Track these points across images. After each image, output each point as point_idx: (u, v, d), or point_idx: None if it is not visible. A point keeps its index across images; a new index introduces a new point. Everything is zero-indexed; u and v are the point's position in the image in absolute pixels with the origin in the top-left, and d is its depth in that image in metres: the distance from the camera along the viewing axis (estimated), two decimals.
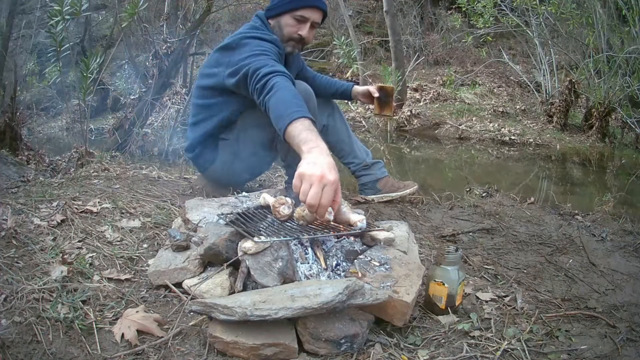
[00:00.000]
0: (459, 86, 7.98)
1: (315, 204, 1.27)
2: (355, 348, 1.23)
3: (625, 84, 5.54)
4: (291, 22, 1.93)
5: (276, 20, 1.97)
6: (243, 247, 1.39)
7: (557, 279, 1.79)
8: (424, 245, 2.00)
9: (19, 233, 1.60)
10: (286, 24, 1.94)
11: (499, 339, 1.32)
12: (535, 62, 7.22)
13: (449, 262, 1.43)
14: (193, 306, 1.23)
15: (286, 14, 1.93)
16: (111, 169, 2.74)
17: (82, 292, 1.36)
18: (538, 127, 6.38)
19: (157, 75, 3.57)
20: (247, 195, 1.88)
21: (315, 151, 1.34)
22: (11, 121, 2.83)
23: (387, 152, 5.37)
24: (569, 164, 5.06)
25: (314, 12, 1.95)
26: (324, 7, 2.00)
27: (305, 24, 1.94)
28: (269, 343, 1.17)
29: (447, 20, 9.26)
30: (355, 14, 9.80)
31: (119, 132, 3.55)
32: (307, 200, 1.28)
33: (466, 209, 2.53)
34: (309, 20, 1.94)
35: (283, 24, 1.95)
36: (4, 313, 1.21)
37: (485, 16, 7.01)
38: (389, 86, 2.42)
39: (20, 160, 2.73)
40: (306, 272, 1.43)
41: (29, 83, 7.06)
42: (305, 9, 1.92)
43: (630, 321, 1.48)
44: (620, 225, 2.39)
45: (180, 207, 1.93)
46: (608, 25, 5.89)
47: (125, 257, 1.62)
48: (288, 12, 1.92)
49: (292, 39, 1.96)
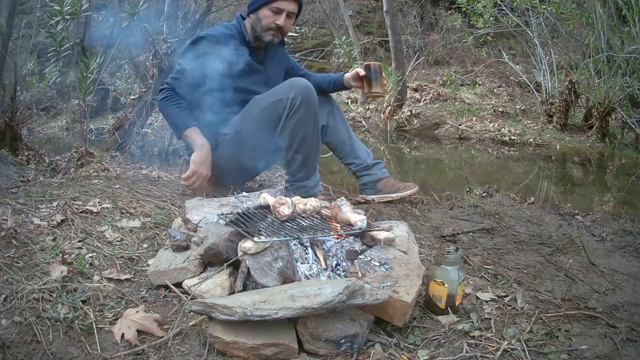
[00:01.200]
0: (459, 86, 7.97)
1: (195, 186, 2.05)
2: (355, 348, 1.23)
3: (625, 84, 5.54)
4: (268, 14, 2.10)
5: (255, 14, 2.14)
6: (243, 247, 1.39)
7: (557, 279, 1.79)
8: (424, 245, 2.00)
9: (19, 233, 1.60)
10: (264, 15, 2.11)
11: (499, 339, 1.32)
12: (535, 62, 7.22)
13: (449, 262, 1.43)
14: (193, 306, 1.23)
15: (264, 7, 2.11)
16: (111, 169, 2.74)
17: (82, 292, 1.36)
18: (538, 127, 6.38)
19: (157, 75, 3.56)
20: (247, 195, 1.88)
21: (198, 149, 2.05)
22: (11, 121, 2.82)
23: (387, 152, 5.37)
24: (569, 164, 5.06)
25: (289, 3, 2.12)
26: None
27: (281, 14, 2.11)
28: (269, 343, 1.17)
29: (447, 20, 9.26)
30: (355, 14, 9.80)
31: (119, 132, 3.54)
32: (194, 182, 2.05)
33: (466, 209, 2.53)
34: (284, 10, 2.11)
35: (261, 16, 2.12)
36: (4, 313, 1.21)
37: (485, 16, 7.01)
38: (375, 63, 2.34)
39: (20, 160, 2.73)
40: (306, 272, 1.44)
41: (29, 83, 7.05)
42: (281, 1, 2.10)
43: (630, 321, 1.48)
44: (620, 225, 2.39)
45: (180, 207, 1.93)
46: (608, 25, 5.89)
47: (125, 257, 1.62)
48: (265, 4, 2.10)
49: (270, 28, 2.13)
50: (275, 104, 2.03)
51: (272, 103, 2.04)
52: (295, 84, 2.03)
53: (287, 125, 2.03)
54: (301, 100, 1.98)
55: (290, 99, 1.99)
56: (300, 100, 1.98)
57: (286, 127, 2.03)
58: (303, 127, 2.04)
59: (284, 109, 2.01)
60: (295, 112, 2.00)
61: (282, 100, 2.01)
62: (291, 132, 2.04)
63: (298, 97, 1.98)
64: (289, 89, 2.02)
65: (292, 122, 2.02)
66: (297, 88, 2.00)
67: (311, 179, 2.17)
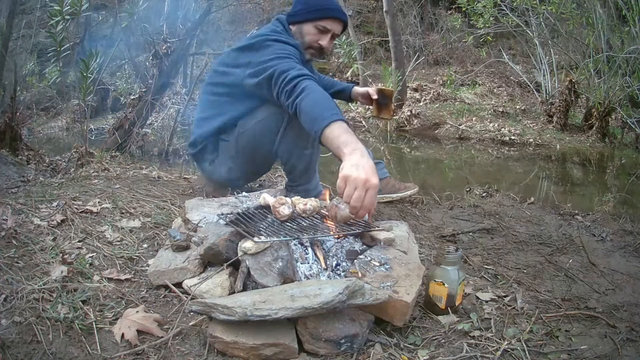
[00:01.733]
0: (459, 86, 7.98)
1: (358, 206, 1.31)
2: (355, 348, 1.23)
3: (625, 84, 5.54)
4: (313, 31, 1.94)
5: (298, 27, 1.98)
6: (243, 247, 1.39)
7: (557, 279, 1.79)
8: (424, 245, 2.00)
9: (19, 233, 1.61)
10: (308, 32, 1.95)
11: (499, 339, 1.32)
12: (535, 62, 7.22)
13: (449, 262, 1.43)
14: (193, 306, 1.23)
15: (309, 23, 1.94)
16: (111, 169, 2.75)
17: (82, 292, 1.36)
18: (538, 127, 6.38)
19: (157, 75, 3.57)
20: (247, 195, 1.88)
21: (356, 154, 1.36)
22: (11, 121, 2.82)
23: (387, 152, 5.37)
24: (569, 164, 5.06)
25: (335, 23, 1.96)
26: (345, 19, 2.01)
27: (326, 34, 1.96)
28: (269, 343, 1.17)
29: (447, 20, 9.26)
30: (355, 14, 9.80)
31: (119, 132, 3.55)
32: (351, 202, 1.31)
33: (466, 209, 2.53)
34: (330, 31, 1.96)
35: (305, 31, 1.95)
36: (4, 313, 1.21)
37: (485, 16, 7.01)
38: (388, 89, 2.40)
39: (20, 160, 2.73)
40: (306, 272, 1.44)
41: (29, 83, 7.05)
42: (328, 20, 1.94)
43: (630, 321, 1.48)
44: (620, 225, 2.39)
45: (180, 207, 1.94)
46: (608, 25, 5.89)
47: (125, 257, 1.62)
48: (311, 21, 1.94)
49: (312, 47, 1.97)
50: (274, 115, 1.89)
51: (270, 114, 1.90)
52: None
53: (286, 138, 1.92)
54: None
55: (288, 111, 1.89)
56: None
57: (285, 139, 1.92)
58: (302, 139, 1.91)
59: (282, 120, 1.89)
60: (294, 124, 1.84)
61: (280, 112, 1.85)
62: (290, 144, 1.93)
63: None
64: None
65: (291, 133, 1.90)
66: None
67: (312, 182, 2.16)
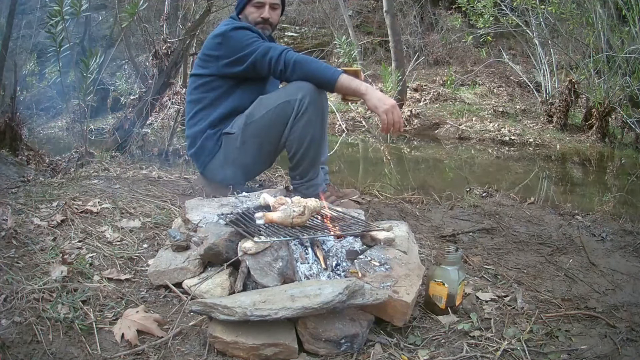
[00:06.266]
0: (459, 86, 7.98)
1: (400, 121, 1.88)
2: (355, 348, 1.23)
3: (625, 84, 5.55)
4: (253, 10, 2.21)
5: (243, 14, 2.25)
6: (243, 247, 1.39)
7: (557, 279, 1.79)
8: (424, 245, 2.00)
9: (19, 233, 1.60)
10: (249, 12, 2.21)
11: (499, 339, 1.32)
12: (535, 62, 7.22)
13: (449, 262, 1.43)
14: (193, 306, 1.23)
15: (247, 5, 2.21)
16: (111, 169, 2.75)
17: (82, 292, 1.36)
18: (538, 127, 6.38)
19: (157, 75, 3.56)
20: (247, 195, 1.88)
21: (371, 89, 1.92)
22: (11, 121, 2.82)
23: (387, 152, 5.37)
24: (569, 164, 5.06)
25: None
26: None
27: (264, 7, 2.20)
28: (269, 343, 1.17)
29: (447, 20, 9.26)
30: (355, 14, 9.80)
31: (119, 132, 3.55)
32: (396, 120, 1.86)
33: (466, 209, 2.53)
34: (266, 3, 2.20)
35: (247, 13, 2.22)
36: (4, 313, 1.21)
37: (485, 16, 7.01)
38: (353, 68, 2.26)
39: (20, 160, 2.72)
40: (306, 272, 1.44)
41: (29, 83, 7.05)
42: None
43: (630, 321, 1.48)
44: (620, 225, 2.39)
45: (180, 207, 1.93)
46: (608, 25, 5.89)
47: (125, 257, 1.62)
48: (248, 3, 2.21)
49: (258, 22, 2.21)
50: (283, 105, 1.98)
51: (279, 104, 1.99)
52: (303, 85, 1.98)
53: (296, 127, 1.99)
54: (309, 102, 1.94)
55: (298, 101, 1.95)
56: (309, 102, 1.94)
57: (295, 129, 1.99)
58: (312, 128, 1.99)
59: (292, 110, 1.97)
60: (303, 114, 1.96)
61: (289, 102, 1.96)
62: (300, 133, 1.99)
63: (306, 98, 1.94)
64: (297, 90, 1.97)
65: (300, 123, 1.98)
66: (304, 89, 1.96)
67: (319, 177, 2.18)
